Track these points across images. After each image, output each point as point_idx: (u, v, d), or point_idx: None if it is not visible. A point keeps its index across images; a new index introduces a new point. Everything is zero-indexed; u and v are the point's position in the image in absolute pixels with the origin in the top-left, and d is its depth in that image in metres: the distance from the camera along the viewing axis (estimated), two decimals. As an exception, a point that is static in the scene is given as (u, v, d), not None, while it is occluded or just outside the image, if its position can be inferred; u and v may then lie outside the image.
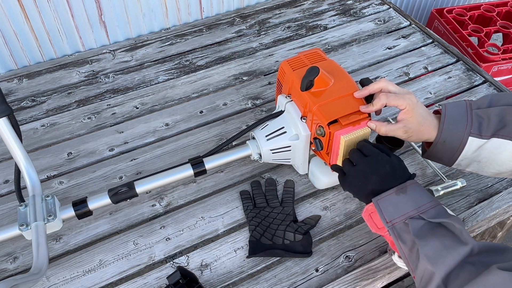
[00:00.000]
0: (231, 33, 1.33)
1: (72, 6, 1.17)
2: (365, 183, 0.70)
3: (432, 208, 0.64)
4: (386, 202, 0.66)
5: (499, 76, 1.59)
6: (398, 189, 0.66)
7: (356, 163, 0.72)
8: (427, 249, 0.61)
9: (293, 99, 0.86)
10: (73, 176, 0.95)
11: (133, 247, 0.83)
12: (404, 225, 0.64)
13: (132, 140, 1.02)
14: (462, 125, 0.70)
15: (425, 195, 0.66)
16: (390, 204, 0.66)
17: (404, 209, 0.65)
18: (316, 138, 0.80)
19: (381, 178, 0.68)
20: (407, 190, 0.66)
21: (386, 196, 0.66)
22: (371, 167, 0.70)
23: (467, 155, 0.71)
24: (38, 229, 0.74)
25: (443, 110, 0.73)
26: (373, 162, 0.70)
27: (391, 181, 0.68)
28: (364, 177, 0.70)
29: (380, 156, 0.70)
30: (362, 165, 0.71)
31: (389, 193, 0.66)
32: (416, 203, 0.65)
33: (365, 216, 0.71)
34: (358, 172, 0.71)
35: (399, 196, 0.66)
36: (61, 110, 1.09)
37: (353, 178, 0.72)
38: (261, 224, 0.84)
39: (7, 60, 1.19)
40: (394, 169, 0.69)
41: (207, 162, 0.85)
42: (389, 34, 1.32)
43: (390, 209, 0.65)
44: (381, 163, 0.69)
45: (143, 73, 1.20)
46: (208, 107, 1.10)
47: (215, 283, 0.77)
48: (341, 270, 0.79)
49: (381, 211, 0.66)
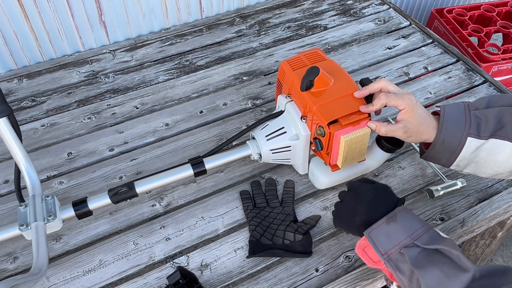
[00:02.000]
0: (231, 33, 1.33)
1: (72, 6, 1.17)
2: (353, 214, 0.69)
3: (425, 233, 0.63)
4: (378, 233, 0.65)
5: (499, 76, 1.59)
6: (388, 218, 0.65)
7: (341, 199, 0.74)
8: (428, 279, 0.59)
9: (293, 99, 0.86)
10: (73, 176, 0.95)
11: (133, 247, 0.83)
12: (400, 254, 0.63)
13: (132, 140, 1.02)
14: (461, 126, 0.70)
15: (416, 220, 0.65)
16: (382, 234, 0.64)
17: (397, 238, 0.63)
18: (316, 138, 0.80)
19: (367, 207, 0.68)
20: (396, 217, 0.65)
21: (377, 227, 0.65)
22: (354, 198, 0.70)
23: (466, 156, 0.71)
24: (38, 229, 0.74)
25: (442, 111, 0.73)
26: (356, 193, 0.71)
27: (378, 208, 0.67)
28: (350, 209, 0.70)
29: (362, 186, 0.71)
30: (347, 199, 0.72)
31: (379, 223, 0.65)
32: (408, 230, 0.64)
33: (359, 252, 0.70)
34: (344, 206, 0.72)
35: (389, 225, 0.64)
36: (61, 110, 1.09)
37: (341, 213, 0.73)
38: (261, 224, 0.84)
39: (7, 60, 1.19)
40: (378, 195, 0.69)
41: (207, 162, 0.85)
42: (389, 34, 1.32)
43: (383, 240, 0.64)
44: (363, 192, 0.70)
45: (143, 73, 1.20)
46: (208, 107, 1.10)
47: (215, 283, 0.77)
48: (341, 270, 0.79)
49: (374, 243, 0.65)
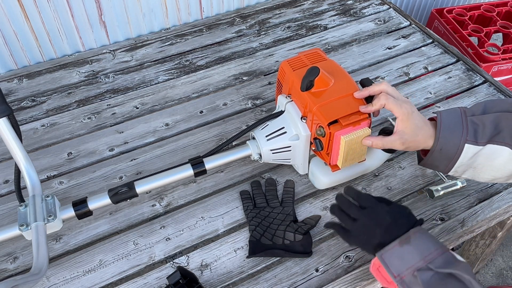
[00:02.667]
0: (231, 33, 1.33)
1: (72, 6, 1.17)
2: (370, 236, 0.68)
3: (440, 256, 0.62)
4: (391, 256, 0.64)
5: (499, 76, 1.59)
6: (402, 240, 0.64)
7: (356, 217, 0.70)
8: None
9: (293, 99, 0.86)
10: (73, 176, 0.95)
11: (133, 247, 0.83)
12: (413, 277, 0.62)
13: (132, 140, 1.02)
14: (458, 133, 0.70)
15: (431, 242, 0.64)
16: (395, 257, 0.63)
17: (410, 260, 0.62)
18: (316, 138, 0.80)
19: (384, 231, 0.66)
20: (410, 239, 0.64)
21: (389, 249, 0.64)
22: (372, 220, 0.68)
23: (463, 162, 0.71)
24: (38, 229, 0.74)
25: (439, 118, 0.72)
26: (374, 215, 0.68)
27: (395, 232, 0.66)
28: (368, 231, 0.68)
29: (380, 207, 0.69)
30: (363, 219, 0.69)
31: (392, 245, 0.64)
32: (421, 252, 0.62)
33: (373, 271, 0.69)
34: (361, 227, 0.69)
35: (403, 247, 0.63)
36: (61, 110, 1.09)
37: (357, 233, 0.70)
38: (261, 224, 0.84)
39: (7, 60, 1.19)
40: (395, 219, 0.67)
41: (207, 162, 0.85)
42: (389, 34, 1.32)
43: (396, 262, 0.63)
44: (382, 214, 0.68)
45: (143, 73, 1.20)
46: (208, 107, 1.10)
47: (215, 283, 0.77)
48: (341, 270, 0.79)
49: (387, 265, 0.64)
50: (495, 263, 1.55)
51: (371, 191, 0.91)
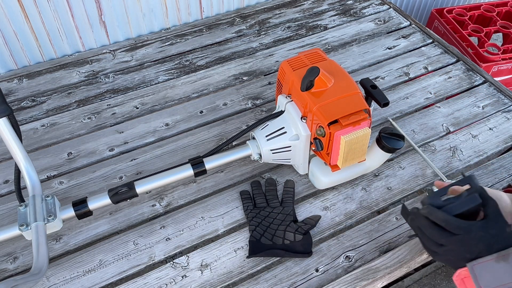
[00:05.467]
0: (231, 33, 1.33)
1: (72, 6, 1.17)
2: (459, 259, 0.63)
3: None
4: (483, 269, 0.60)
5: (499, 76, 1.59)
6: (499, 256, 0.59)
7: (442, 243, 0.63)
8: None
9: (293, 99, 0.86)
10: (73, 176, 0.95)
11: (133, 247, 0.83)
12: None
13: (132, 140, 1.02)
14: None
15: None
16: (488, 271, 0.59)
17: (503, 278, 0.58)
18: (316, 138, 0.80)
19: (476, 256, 0.61)
20: (509, 258, 0.59)
21: (483, 262, 0.60)
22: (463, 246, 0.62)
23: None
24: (38, 229, 0.74)
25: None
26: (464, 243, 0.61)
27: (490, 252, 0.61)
28: (457, 256, 0.63)
29: (472, 234, 0.61)
30: (452, 246, 0.63)
31: (487, 259, 0.60)
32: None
33: (457, 281, 0.64)
34: (449, 252, 0.64)
35: (499, 263, 0.59)
36: (61, 110, 1.09)
37: (445, 255, 0.65)
38: (261, 224, 0.84)
39: (7, 60, 1.19)
40: (490, 245, 0.60)
41: (207, 162, 0.85)
42: (389, 34, 1.32)
43: (487, 276, 0.59)
44: (474, 242, 0.61)
45: (143, 73, 1.20)
46: (208, 107, 1.10)
47: (215, 283, 0.77)
48: (341, 270, 0.79)
49: (476, 277, 0.60)
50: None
51: (371, 191, 0.91)
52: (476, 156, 0.98)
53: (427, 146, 1.00)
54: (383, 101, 0.85)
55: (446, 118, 1.06)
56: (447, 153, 0.99)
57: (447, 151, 0.99)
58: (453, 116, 1.07)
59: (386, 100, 0.85)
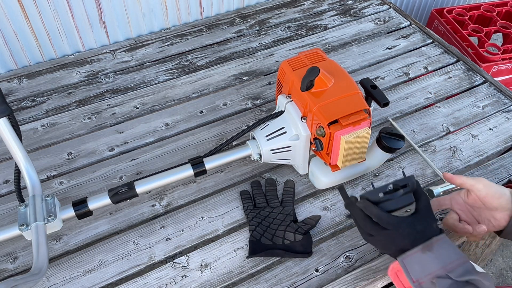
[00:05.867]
0: (231, 33, 1.33)
1: (72, 6, 1.17)
2: (387, 249, 0.68)
3: (460, 266, 0.62)
4: (412, 261, 0.64)
5: (499, 76, 1.59)
6: (424, 247, 0.64)
7: (373, 234, 0.68)
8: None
9: (293, 99, 0.86)
10: (73, 176, 0.95)
11: (133, 247, 0.83)
12: (432, 284, 0.62)
13: (132, 140, 1.02)
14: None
15: (452, 251, 0.64)
16: (417, 262, 0.63)
17: (430, 267, 0.62)
18: (316, 138, 0.80)
19: (401, 249, 0.66)
20: (433, 247, 0.64)
21: (411, 254, 0.64)
22: (391, 238, 0.66)
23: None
24: (38, 229, 0.74)
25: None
26: (392, 237, 0.66)
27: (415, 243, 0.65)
28: (384, 246, 0.69)
29: (401, 229, 0.65)
30: (381, 238, 0.67)
31: (414, 251, 0.64)
32: (443, 261, 0.63)
33: (391, 275, 0.68)
34: (377, 242, 0.69)
35: (425, 254, 0.63)
36: (61, 110, 1.09)
37: (374, 243, 0.70)
38: (261, 224, 0.84)
39: (7, 60, 1.19)
40: (415, 240, 0.65)
41: (207, 162, 0.85)
42: (389, 34, 1.32)
43: (416, 268, 0.63)
44: (400, 237, 0.65)
45: (143, 73, 1.20)
46: (208, 107, 1.10)
47: (215, 283, 0.77)
48: (341, 270, 0.79)
49: (407, 270, 0.64)
50: (495, 263, 1.55)
51: (371, 191, 0.91)
52: (476, 156, 0.98)
53: (427, 146, 1.00)
54: (383, 101, 0.85)
55: (446, 118, 1.06)
56: (447, 153, 0.99)
57: (447, 151, 0.99)
58: (453, 116, 1.07)
59: (386, 100, 0.85)
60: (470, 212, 0.77)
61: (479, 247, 1.25)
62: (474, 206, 0.75)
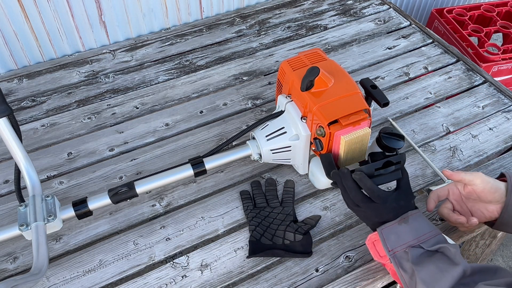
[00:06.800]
0: (231, 33, 1.33)
1: (72, 6, 1.17)
2: (370, 219, 0.73)
3: (432, 238, 0.67)
4: (389, 232, 0.69)
5: (499, 76, 1.59)
6: (401, 219, 0.69)
7: (360, 205, 0.72)
8: (423, 274, 0.63)
9: (293, 99, 0.86)
10: (73, 176, 0.95)
11: (133, 247, 0.83)
12: (405, 253, 0.67)
13: (132, 140, 1.02)
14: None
15: (426, 224, 0.69)
16: (393, 233, 0.68)
17: (405, 238, 0.67)
18: (316, 138, 0.80)
19: (383, 221, 0.70)
20: (408, 220, 0.68)
21: (389, 226, 0.69)
22: (375, 211, 0.71)
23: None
24: (38, 229, 0.74)
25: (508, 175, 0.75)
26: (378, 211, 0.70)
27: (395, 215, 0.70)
28: (368, 216, 0.72)
29: (387, 204, 0.70)
30: (367, 209, 0.71)
31: (392, 223, 0.69)
32: (416, 232, 0.67)
33: (368, 244, 0.74)
34: (361, 212, 0.73)
35: (401, 225, 0.68)
36: (61, 110, 1.09)
37: (358, 213, 0.74)
38: (261, 224, 0.84)
39: (7, 60, 1.19)
40: (397, 214, 0.70)
41: (207, 162, 0.85)
42: (389, 34, 1.32)
43: (392, 238, 0.68)
44: (386, 211, 0.70)
45: (143, 73, 1.20)
46: (208, 107, 1.10)
47: (215, 283, 0.77)
48: (341, 270, 0.79)
49: (384, 239, 0.69)
50: (495, 263, 1.55)
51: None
52: (476, 156, 0.98)
53: (427, 146, 1.00)
54: (383, 101, 0.85)
55: (446, 118, 1.06)
56: (447, 153, 0.99)
57: (447, 151, 0.99)
58: (453, 116, 1.07)
59: (386, 100, 0.85)
60: (465, 203, 0.79)
61: (479, 247, 1.25)
62: (469, 197, 0.78)
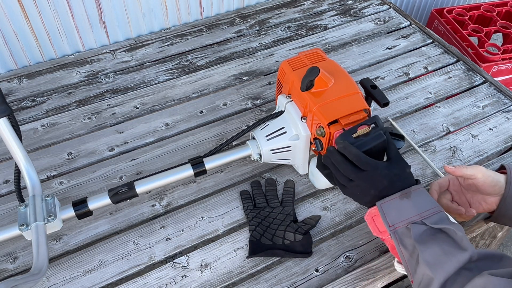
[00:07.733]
0: (231, 33, 1.33)
1: (72, 6, 1.17)
2: (364, 195, 0.69)
3: (435, 214, 0.65)
4: (390, 206, 0.66)
5: (499, 76, 1.59)
6: (402, 194, 0.66)
7: (352, 178, 0.69)
8: (427, 255, 0.61)
9: (293, 99, 0.86)
10: (73, 176, 0.95)
11: (133, 247, 0.83)
12: (406, 229, 0.64)
13: (132, 140, 1.02)
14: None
15: (429, 200, 0.66)
16: (394, 208, 0.66)
17: (407, 214, 0.65)
18: (316, 138, 0.80)
19: (380, 192, 0.68)
20: (410, 195, 0.66)
21: (390, 200, 0.66)
22: (367, 181, 0.68)
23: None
24: (38, 229, 0.74)
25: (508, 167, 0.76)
26: (371, 179, 0.68)
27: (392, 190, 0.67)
28: (363, 191, 0.69)
29: (379, 171, 0.67)
30: (358, 181, 0.68)
31: (393, 197, 0.66)
32: (419, 208, 0.65)
33: (367, 219, 0.71)
34: (355, 188, 0.70)
35: (402, 200, 0.66)
36: (61, 110, 1.09)
37: (351, 190, 0.71)
38: (261, 224, 0.84)
39: (7, 60, 1.19)
40: (392, 182, 0.67)
41: (207, 162, 0.85)
42: (389, 34, 1.32)
43: (393, 213, 0.66)
44: (379, 178, 0.67)
45: (143, 73, 1.20)
46: (208, 107, 1.10)
47: (215, 283, 0.77)
48: (341, 270, 0.79)
49: (384, 215, 0.66)
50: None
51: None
52: (476, 156, 0.98)
53: (427, 146, 1.00)
54: (383, 101, 0.85)
55: (446, 118, 1.06)
56: (447, 153, 0.99)
57: (447, 151, 0.99)
58: (453, 116, 1.07)
59: (386, 100, 0.85)
60: (464, 194, 0.79)
61: (479, 247, 1.25)
62: (469, 189, 0.78)
